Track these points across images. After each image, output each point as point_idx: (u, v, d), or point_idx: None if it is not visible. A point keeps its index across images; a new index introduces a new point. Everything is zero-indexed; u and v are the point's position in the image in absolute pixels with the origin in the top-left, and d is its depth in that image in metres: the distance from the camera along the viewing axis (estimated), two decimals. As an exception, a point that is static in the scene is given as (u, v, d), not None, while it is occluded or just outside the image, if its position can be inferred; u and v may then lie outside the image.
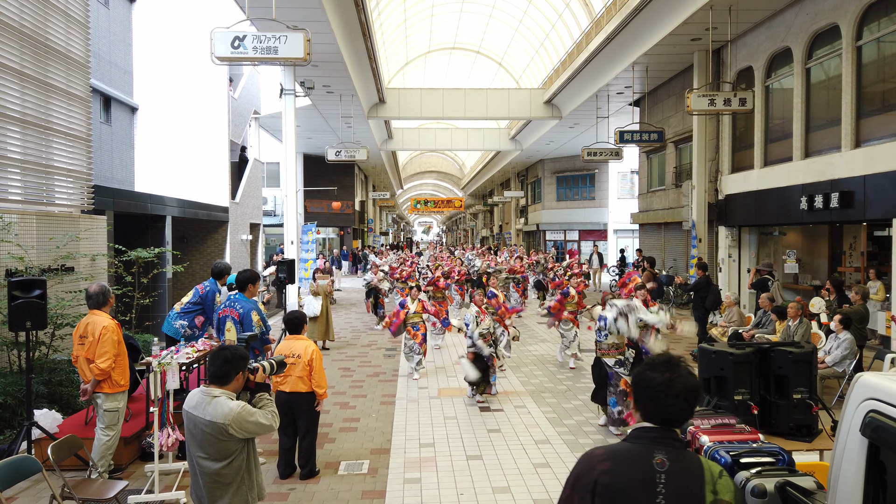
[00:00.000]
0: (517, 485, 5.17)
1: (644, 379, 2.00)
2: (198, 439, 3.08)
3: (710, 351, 3.88)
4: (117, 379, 5.27)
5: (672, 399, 1.92)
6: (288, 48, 8.58)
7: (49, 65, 8.23)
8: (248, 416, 3.11)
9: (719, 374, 3.79)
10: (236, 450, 3.11)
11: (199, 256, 16.58)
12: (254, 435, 3.17)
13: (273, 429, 3.25)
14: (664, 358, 2.03)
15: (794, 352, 3.86)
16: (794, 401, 3.83)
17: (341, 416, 7.22)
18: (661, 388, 1.94)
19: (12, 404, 6.32)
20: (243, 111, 20.78)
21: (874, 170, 10.02)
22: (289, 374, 5.23)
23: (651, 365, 2.02)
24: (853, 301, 8.02)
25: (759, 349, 3.95)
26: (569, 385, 8.56)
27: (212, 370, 3.18)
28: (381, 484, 5.24)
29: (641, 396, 2.00)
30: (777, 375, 3.91)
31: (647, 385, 1.98)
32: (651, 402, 1.96)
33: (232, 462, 3.09)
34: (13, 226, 7.09)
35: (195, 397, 3.16)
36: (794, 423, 3.85)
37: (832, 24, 11.08)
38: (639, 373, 2.04)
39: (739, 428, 3.06)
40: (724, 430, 3.02)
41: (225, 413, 3.05)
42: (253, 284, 6.03)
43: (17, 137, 7.65)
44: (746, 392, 3.77)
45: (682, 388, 1.93)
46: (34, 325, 5.33)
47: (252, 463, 3.22)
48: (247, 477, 3.17)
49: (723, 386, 3.79)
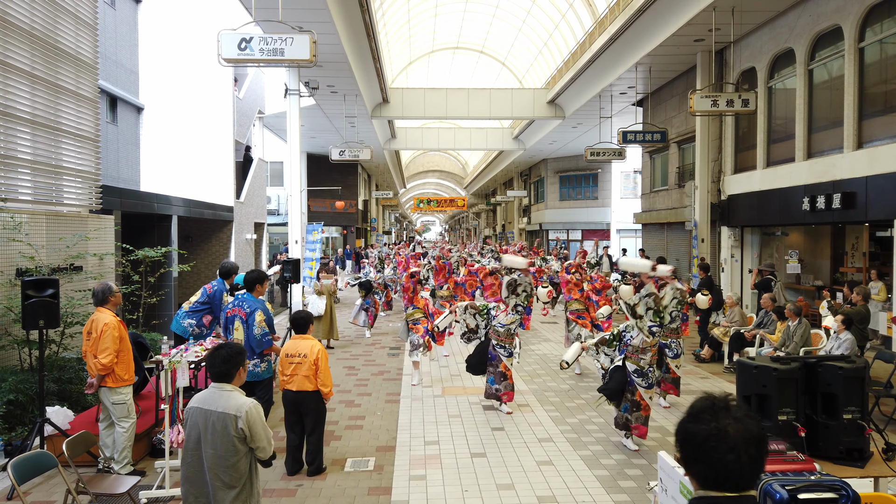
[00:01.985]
0: (521, 482, 5.26)
1: (688, 435, 1.60)
2: (210, 437, 3.18)
3: (751, 366, 3.56)
4: (120, 374, 5.38)
5: (730, 454, 1.52)
6: (294, 50, 8.67)
7: (59, 66, 8.33)
8: (260, 414, 3.21)
9: (761, 391, 3.50)
10: (243, 451, 3.21)
11: (204, 255, 16.69)
12: (256, 438, 3.23)
13: (268, 452, 3.32)
14: (708, 403, 1.62)
15: (845, 367, 3.52)
16: (845, 421, 3.50)
17: (347, 414, 7.32)
18: (713, 443, 1.54)
19: (23, 401, 6.42)
20: (248, 111, 20.90)
21: (876, 171, 10.07)
22: (295, 374, 5.32)
23: (693, 415, 1.62)
24: (854, 302, 8.08)
25: (805, 364, 3.64)
26: (571, 384, 8.64)
27: (213, 371, 3.30)
28: (386, 481, 5.33)
29: (691, 458, 1.59)
30: (825, 393, 3.59)
31: (694, 442, 1.57)
32: (703, 465, 1.56)
33: (238, 464, 3.19)
34: (24, 225, 7.19)
35: (206, 393, 3.28)
36: (844, 447, 3.52)
37: (835, 26, 11.13)
38: (681, 428, 1.64)
39: (791, 455, 2.77)
40: (775, 457, 2.73)
41: (238, 405, 3.18)
42: (260, 284, 6.12)
43: (27, 138, 7.75)
44: (791, 412, 3.47)
45: (739, 437, 1.53)
46: (47, 323, 5.43)
47: (254, 471, 3.32)
48: (248, 484, 3.26)
49: (765, 405, 3.50)
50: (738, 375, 3.70)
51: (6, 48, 7.26)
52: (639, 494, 4.99)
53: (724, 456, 1.52)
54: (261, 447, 3.26)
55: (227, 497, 3.18)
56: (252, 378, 5.89)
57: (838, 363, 3.57)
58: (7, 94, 7.29)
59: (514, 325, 7.35)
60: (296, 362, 5.31)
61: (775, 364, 3.52)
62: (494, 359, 7.30)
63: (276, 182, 28.67)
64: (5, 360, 6.91)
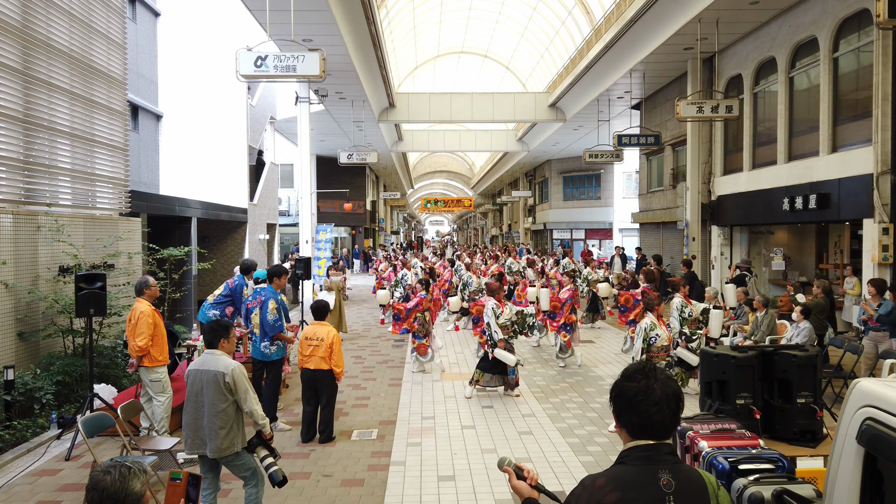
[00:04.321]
0: (502, 447, 6.09)
1: (622, 391, 1.91)
2: (205, 390, 4.16)
3: (711, 354, 3.83)
4: (155, 355, 6.20)
5: (654, 407, 1.83)
6: (305, 66, 9.51)
7: (93, 83, 9.23)
8: (243, 373, 4.26)
9: (721, 377, 3.74)
10: (229, 400, 4.18)
11: (220, 255, 17.60)
12: (239, 390, 4.18)
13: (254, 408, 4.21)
14: (639, 366, 1.96)
15: (798, 355, 3.76)
16: (799, 405, 3.73)
17: (354, 395, 8.16)
18: (640, 397, 1.85)
19: (70, 382, 7.32)
20: (260, 117, 21.81)
21: (847, 174, 10.78)
22: (313, 355, 6.19)
23: (627, 375, 1.93)
24: (815, 294, 8.82)
25: (763, 352, 3.87)
26: (558, 370, 9.44)
27: (206, 340, 4.39)
28: (387, 447, 6.17)
29: (623, 409, 1.89)
30: (780, 379, 3.82)
31: (626, 396, 1.88)
32: (634, 415, 1.86)
33: (227, 409, 4.16)
34: (65, 228, 8.08)
35: (201, 358, 4.35)
36: (798, 429, 3.78)
37: (811, 37, 11.84)
38: (616, 385, 1.95)
39: (739, 433, 3.03)
40: (724, 435, 3.00)
41: (225, 364, 4.21)
42: (278, 277, 7.00)
43: (66, 149, 8.65)
44: (749, 396, 3.70)
45: (662, 394, 1.85)
46: (96, 311, 6.31)
47: (240, 418, 4.29)
48: (235, 426, 4.22)
49: (725, 390, 3.74)
50: (700, 364, 4.06)
51: (50, 70, 8.16)
52: (602, 457, 5.79)
53: (650, 408, 1.82)
54: (241, 398, 4.19)
55: (219, 435, 4.14)
56: (263, 358, 6.78)
57: (793, 352, 3.82)
58: (52, 111, 8.20)
59: (521, 314, 8.01)
60: (314, 344, 6.17)
61: (734, 352, 3.79)
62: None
63: (286, 184, 29.56)
64: (52, 347, 7.81)
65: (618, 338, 12.23)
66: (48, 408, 6.82)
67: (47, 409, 6.82)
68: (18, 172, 7.73)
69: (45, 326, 7.63)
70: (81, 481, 5.29)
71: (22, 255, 7.45)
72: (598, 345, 11.63)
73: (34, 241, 7.69)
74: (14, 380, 6.54)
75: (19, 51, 7.60)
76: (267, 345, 6.76)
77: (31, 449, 6.12)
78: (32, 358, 7.48)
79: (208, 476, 4.30)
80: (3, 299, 7.04)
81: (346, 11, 13.95)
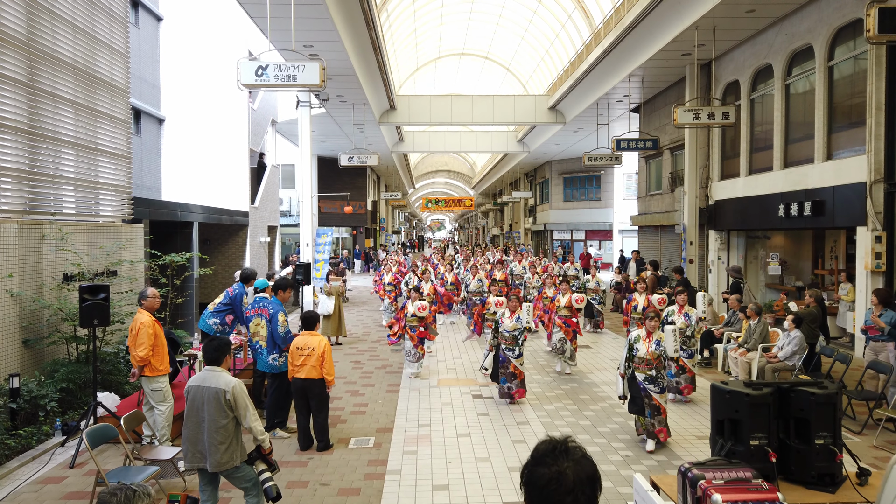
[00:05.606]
0: (496, 456, 6.22)
1: (532, 478, 1.68)
2: (206, 407, 4.28)
3: (723, 391, 3.60)
4: (156, 364, 6.32)
5: (568, 496, 1.63)
6: (305, 76, 9.63)
7: (96, 93, 9.36)
8: (243, 390, 4.36)
9: (734, 416, 3.53)
10: (230, 416, 4.28)
11: (221, 258, 17.75)
12: (239, 407, 4.29)
13: (253, 425, 4.32)
14: (550, 446, 1.72)
15: (817, 393, 3.55)
16: (817, 447, 3.53)
17: (352, 402, 8.30)
18: (553, 486, 1.64)
19: (73, 389, 7.47)
20: (262, 120, 21.95)
21: (842, 181, 10.89)
22: (305, 364, 6.32)
23: (537, 458, 1.71)
24: (807, 303, 8.94)
25: (779, 388, 3.67)
26: (553, 376, 9.58)
27: (208, 357, 4.44)
28: (384, 455, 6.31)
29: (534, 501, 1.67)
30: (797, 418, 3.62)
31: (537, 486, 1.66)
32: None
33: (227, 425, 4.26)
34: (69, 236, 8.22)
35: (202, 375, 4.43)
36: (816, 472, 3.55)
37: (807, 45, 11.95)
38: (526, 469, 1.72)
39: (756, 485, 2.78)
40: (739, 486, 2.76)
41: (227, 381, 4.33)
42: (283, 291, 7.13)
43: (70, 158, 8.79)
44: (764, 437, 3.48)
45: (575, 479, 1.64)
46: (100, 322, 6.44)
47: (239, 433, 4.39)
48: (234, 440, 4.33)
49: (738, 429, 3.53)
50: (711, 400, 3.79)
51: (55, 81, 8.30)
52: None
53: (563, 498, 1.62)
54: (241, 414, 4.30)
55: (219, 450, 4.25)
56: (271, 370, 6.90)
57: (811, 389, 3.63)
58: (56, 121, 8.34)
59: (517, 330, 8.13)
60: (305, 354, 6.30)
61: (748, 389, 3.57)
62: (504, 361, 8.03)
63: (287, 184, 29.71)
64: (56, 354, 7.96)
65: (615, 342, 12.36)
66: (52, 415, 6.98)
67: (52, 416, 6.97)
68: (23, 183, 7.87)
69: (49, 334, 7.78)
70: (86, 489, 5.44)
71: (27, 263, 7.60)
72: (595, 349, 11.76)
73: (38, 250, 7.84)
74: (19, 388, 6.68)
75: (25, 63, 7.74)
76: (276, 357, 6.89)
77: (35, 456, 6.26)
78: (37, 364, 7.63)
79: (207, 489, 4.44)
80: (8, 308, 7.19)
81: (347, 18, 14.08)
